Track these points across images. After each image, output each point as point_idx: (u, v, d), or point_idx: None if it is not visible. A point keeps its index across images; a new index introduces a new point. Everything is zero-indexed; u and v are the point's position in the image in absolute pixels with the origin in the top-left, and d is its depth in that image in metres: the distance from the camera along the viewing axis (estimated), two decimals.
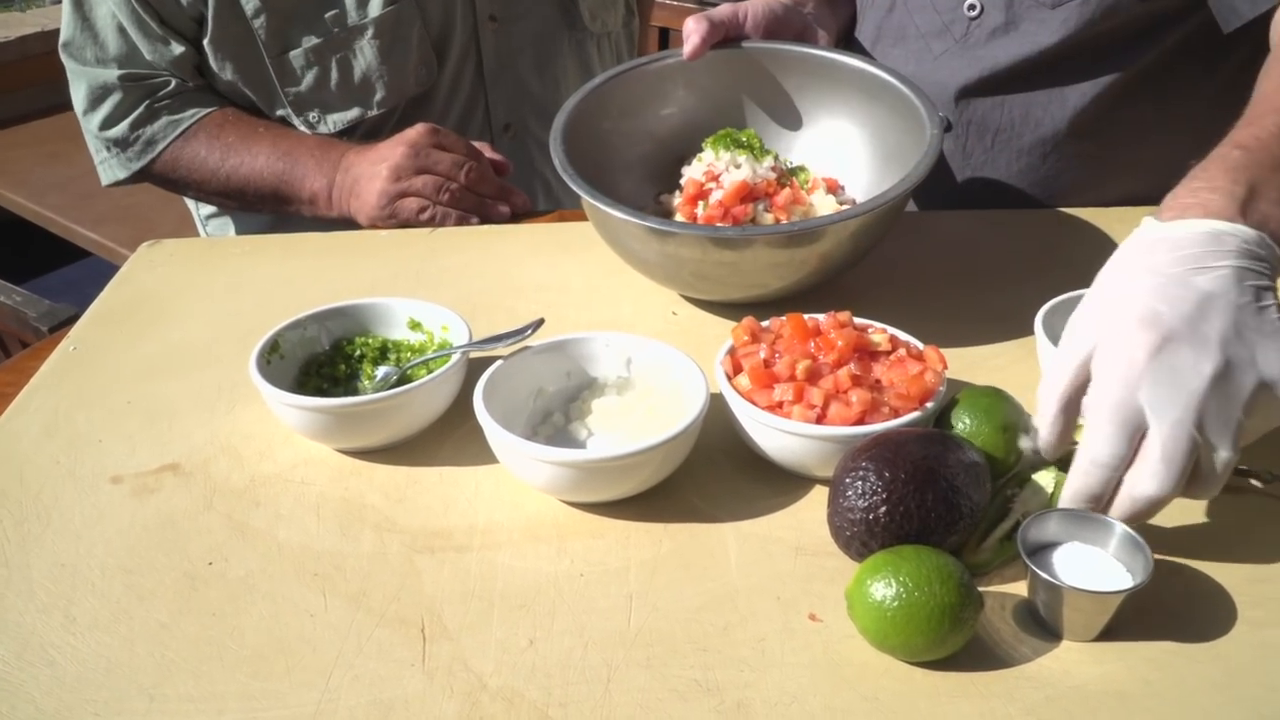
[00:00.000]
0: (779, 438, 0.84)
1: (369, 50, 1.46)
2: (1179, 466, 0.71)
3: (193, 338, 1.10)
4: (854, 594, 0.71)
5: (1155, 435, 0.72)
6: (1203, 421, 0.72)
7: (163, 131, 1.46)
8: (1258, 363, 0.73)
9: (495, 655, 0.72)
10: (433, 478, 0.89)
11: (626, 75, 1.24)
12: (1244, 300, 0.74)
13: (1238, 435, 0.73)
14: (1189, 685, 0.69)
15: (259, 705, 0.69)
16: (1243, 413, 0.72)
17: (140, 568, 0.80)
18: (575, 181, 1.05)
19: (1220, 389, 0.72)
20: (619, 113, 1.23)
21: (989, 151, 1.31)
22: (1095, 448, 0.74)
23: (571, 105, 1.18)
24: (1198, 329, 0.73)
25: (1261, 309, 0.75)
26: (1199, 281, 0.75)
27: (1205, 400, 0.72)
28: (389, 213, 1.34)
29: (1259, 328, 0.74)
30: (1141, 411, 0.72)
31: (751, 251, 1.00)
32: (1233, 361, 0.72)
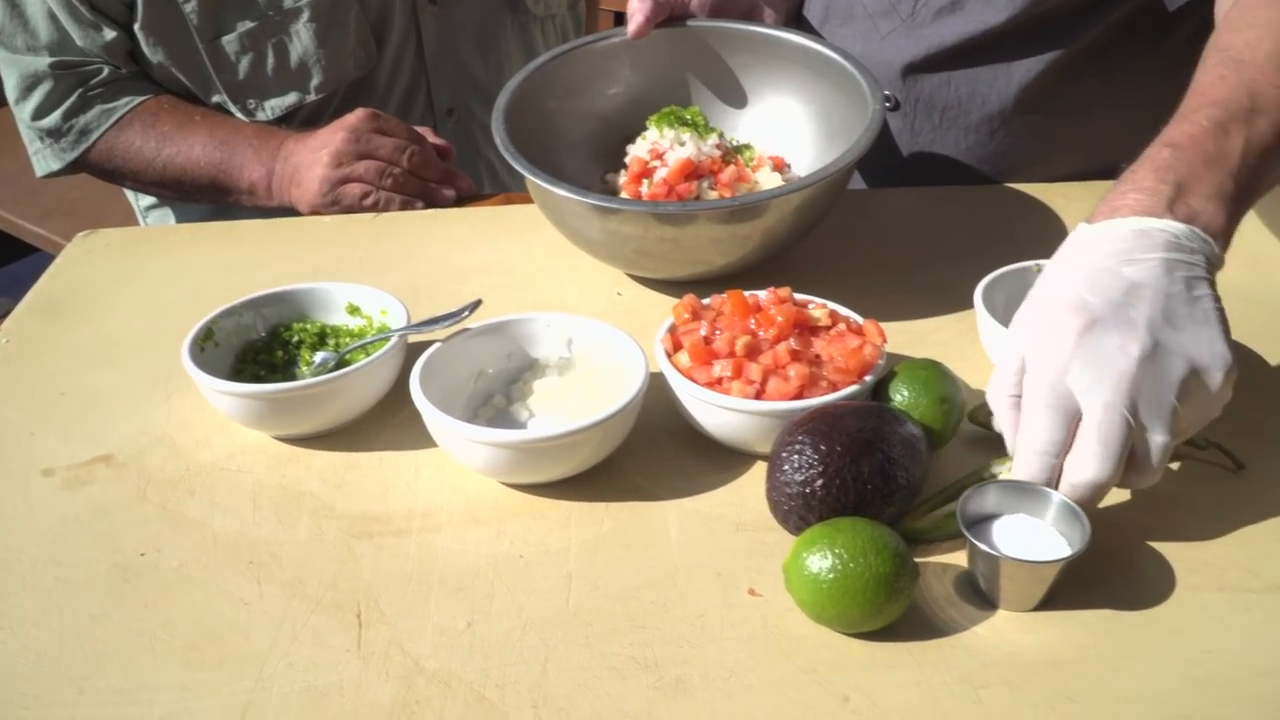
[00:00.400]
0: (718, 414, 0.84)
1: (305, 34, 1.44)
2: (1115, 449, 0.72)
3: (128, 328, 1.08)
4: (791, 567, 0.71)
5: (1089, 418, 0.72)
6: (1135, 404, 0.72)
7: (96, 121, 1.43)
8: (1187, 347, 0.74)
9: (432, 638, 0.72)
10: (372, 463, 0.88)
11: (571, 54, 1.23)
12: (1174, 289, 0.75)
13: (1172, 420, 0.73)
14: (1124, 650, 0.70)
15: (191, 695, 0.68)
16: (1175, 396, 0.73)
17: (71, 560, 0.79)
18: (517, 160, 1.04)
19: (1150, 371, 0.72)
20: (564, 91, 1.22)
21: (937, 129, 1.31)
22: (1032, 435, 0.74)
23: (515, 84, 1.17)
24: (1124, 314, 0.74)
25: (1194, 298, 0.75)
26: (1127, 271, 0.76)
27: (1135, 382, 0.72)
28: (331, 199, 1.33)
29: (1189, 315, 0.75)
30: (1073, 395, 0.73)
31: (694, 227, 0.99)
32: (1161, 344, 0.73)
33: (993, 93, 1.26)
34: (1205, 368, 0.74)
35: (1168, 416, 0.73)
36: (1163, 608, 0.73)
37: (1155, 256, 0.76)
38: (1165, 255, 0.76)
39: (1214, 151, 0.83)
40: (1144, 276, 0.75)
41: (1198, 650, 0.70)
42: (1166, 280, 0.75)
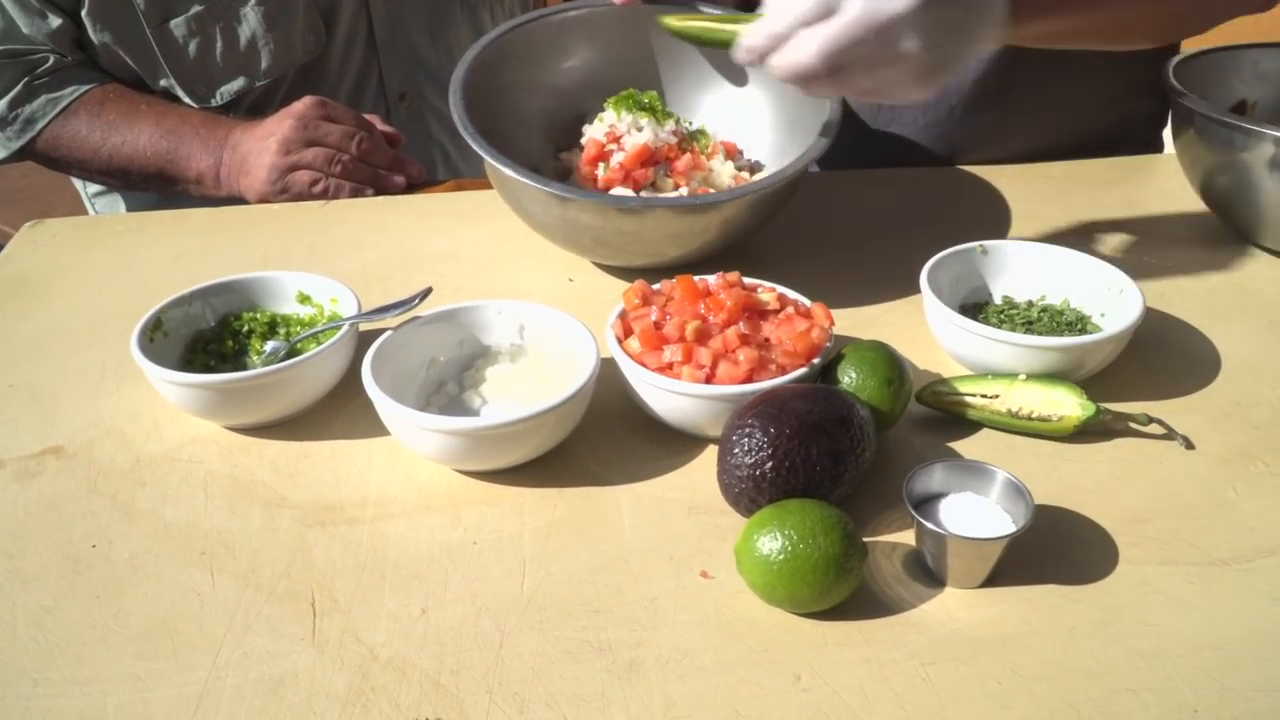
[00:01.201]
0: (669, 399, 0.85)
1: (253, 17, 1.43)
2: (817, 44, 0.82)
3: (76, 318, 1.07)
4: (742, 549, 0.72)
5: None
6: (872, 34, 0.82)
7: (42, 110, 1.42)
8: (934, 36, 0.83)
9: (387, 626, 0.72)
10: (324, 452, 0.88)
11: (528, 26, 1.21)
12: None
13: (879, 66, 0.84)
14: (1070, 624, 0.71)
15: (145, 685, 0.68)
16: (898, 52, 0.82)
17: (22, 552, 0.79)
18: (477, 141, 1.03)
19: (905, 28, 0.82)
20: (519, 64, 1.20)
21: (894, 108, 1.33)
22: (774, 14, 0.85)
23: (471, 57, 1.15)
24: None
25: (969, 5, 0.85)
26: None
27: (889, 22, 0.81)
28: (280, 187, 1.32)
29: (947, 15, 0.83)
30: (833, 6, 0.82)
31: (653, 219, 1.00)
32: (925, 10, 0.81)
33: None
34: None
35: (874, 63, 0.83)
36: (1106, 582, 0.74)
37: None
38: None
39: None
40: None
41: (1141, 624, 0.71)
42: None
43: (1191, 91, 1.08)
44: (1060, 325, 0.94)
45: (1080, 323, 0.94)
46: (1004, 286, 0.99)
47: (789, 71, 0.86)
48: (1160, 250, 1.12)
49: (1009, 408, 0.86)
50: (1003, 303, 0.99)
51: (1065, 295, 0.97)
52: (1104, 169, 1.29)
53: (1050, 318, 0.95)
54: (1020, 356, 0.88)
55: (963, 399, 0.87)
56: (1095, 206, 1.21)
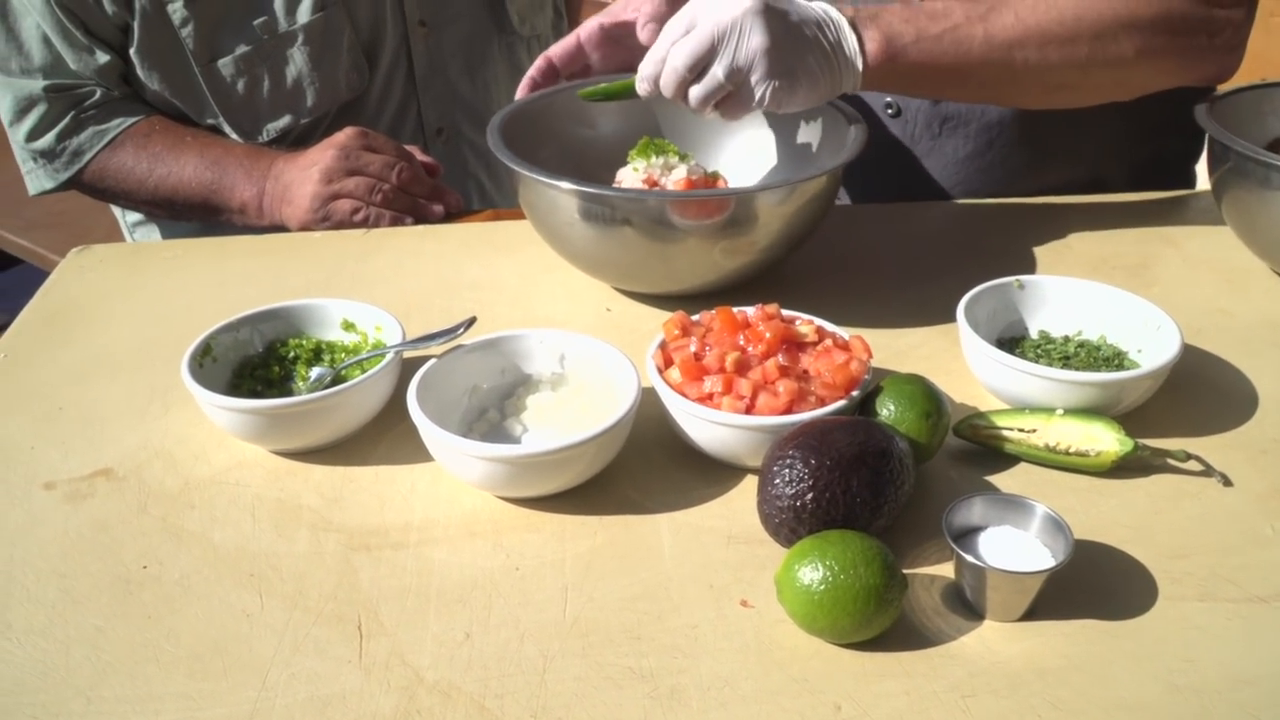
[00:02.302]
0: (709, 429, 0.86)
1: (299, 57, 1.46)
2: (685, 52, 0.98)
3: (124, 343, 1.09)
4: (782, 579, 0.73)
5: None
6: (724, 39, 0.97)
7: (89, 142, 1.45)
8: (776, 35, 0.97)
9: (432, 649, 0.73)
10: (368, 477, 0.90)
11: (550, 98, 1.23)
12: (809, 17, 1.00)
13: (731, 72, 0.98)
14: (1108, 659, 0.72)
15: (196, 705, 0.69)
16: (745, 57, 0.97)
17: (74, 572, 0.80)
18: (517, 163, 1.05)
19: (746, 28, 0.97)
20: (542, 136, 1.21)
21: (936, 138, 1.34)
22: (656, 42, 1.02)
23: (498, 122, 1.15)
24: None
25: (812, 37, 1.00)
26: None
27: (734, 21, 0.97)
28: (322, 215, 1.34)
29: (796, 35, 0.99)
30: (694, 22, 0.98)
31: (690, 240, 1.02)
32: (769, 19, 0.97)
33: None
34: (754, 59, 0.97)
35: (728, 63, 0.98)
36: (1145, 618, 0.75)
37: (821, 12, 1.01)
38: (825, 18, 1.01)
39: (924, 21, 1.03)
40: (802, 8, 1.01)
41: (1179, 659, 0.71)
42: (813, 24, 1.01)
43: (1226, 129, 1.09)
44: (1097, 361, 0.94)
45: (1117, 358, 0.95)
46: (1041, 321, 1.00)
47: (672, 86, 1.01)
48: (1197, 286, 1.13)
49: (1046, 442, 0.87)
50: (1039, 337, 0.99)
51: (1102, 331, 0.98)
52: (1140, 204, 1.30)
53: (1087, 353, 0.95)
54: (1058, 391, 0.88)
55: (1000, 433, 0.88)
56: (1131, 242, 1.22)
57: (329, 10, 1.46)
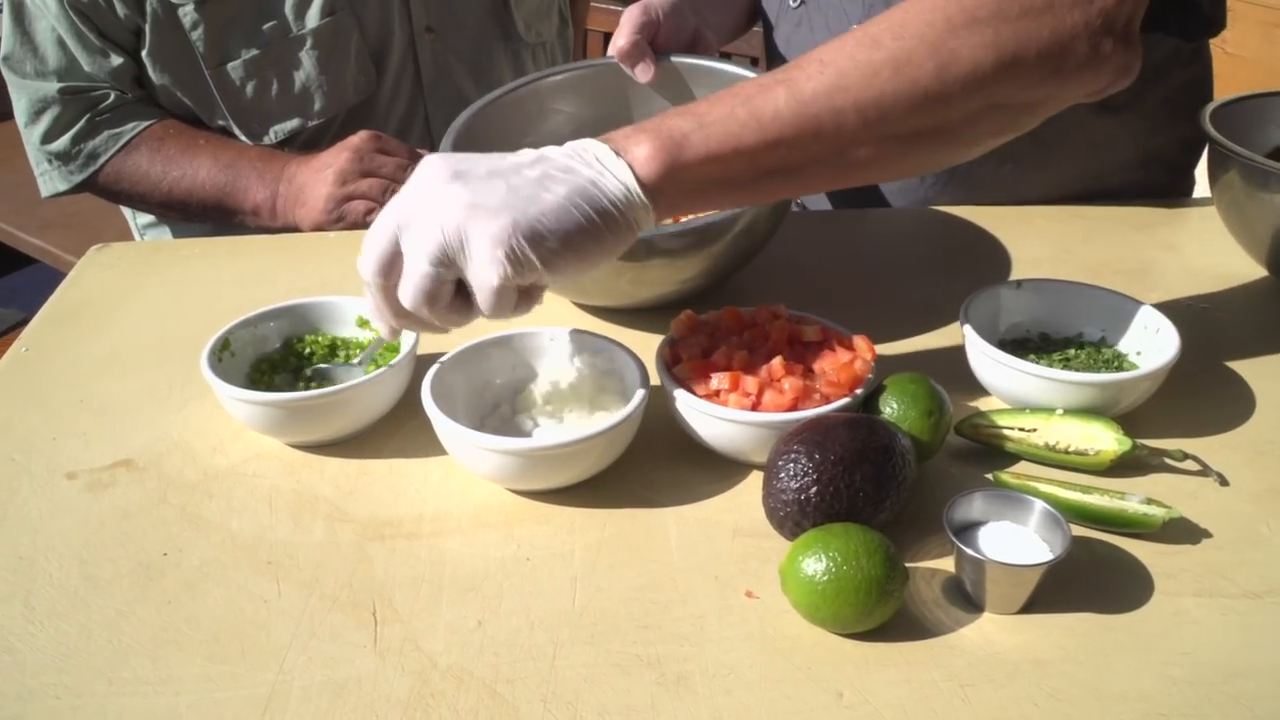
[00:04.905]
0: (716, 425, 0.87)
1: (308, 61, 1.48)
2: (368, 247, 0.80)
3: (143, 338, 1.11)
4: (787, 570, 0.75)
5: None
6: (409, 217, 0.78)
7: (104, 145, 1.47)
8: (482, 193, 0.76)
9: (445, 636, 0.75)
10: (382, 469, 0.92)
11: (507, 97, 1.23)
12: (523, 166, 0.78)
13: (434, 245, 0.76)
14: (1105, 651, 0.73)
15: (215, 686, 0.72)
16: (442, 226, 0.76)
17: (96, 559, 0.82)
18: None
19: (437, 196, 0.77)
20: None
21: None
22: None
23: (454, 131, 1.16)
24: (459, 160, 0.79)
25: (538, 179, 0.77)
26: (521, 154, 0.81)
27: (417, 199, 0.77)
28: (336, 216, 1.36)
29: (516, 183, 0.77)
30: (398, 239, 0.79)
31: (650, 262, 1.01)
32: (460, 179, 0.77)
33: None
34: (483, 214, 0.76)
35: (427, 242, 0.76)
36: (1141, 612, 0.77)
37: (540, 153, 0.80)
38: (551, 154, 0.80)
39: (703, 106, 0.80)
40: (514, 156, 0.80)
41: (1175, 652, 0.73)
42: (528, 162, 0.79)
43: (1228, 136, 1.11)
44: (1097, 362, 0.96)
45: (1116, 360, 0.97)
46: (1041, 323, 1.02)
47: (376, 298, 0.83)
48: (1196, 290, 1.15)
49: (1046, 441, 0.88)
50: (1040, 339, 1.01)
51: (1102, 333, 1.00)
52: (1140, 211, 1.31)
53: (1087, 355, 0.97)
54: (1058, 392, 0.90)
55: (1001, 432, 0.90)
56: (1131, 247, 1.24)
57: (337, 15, 1.48)
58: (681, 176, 0.79)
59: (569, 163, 0.79)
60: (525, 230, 0.75)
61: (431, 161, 0.79)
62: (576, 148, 0.80)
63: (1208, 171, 1.17)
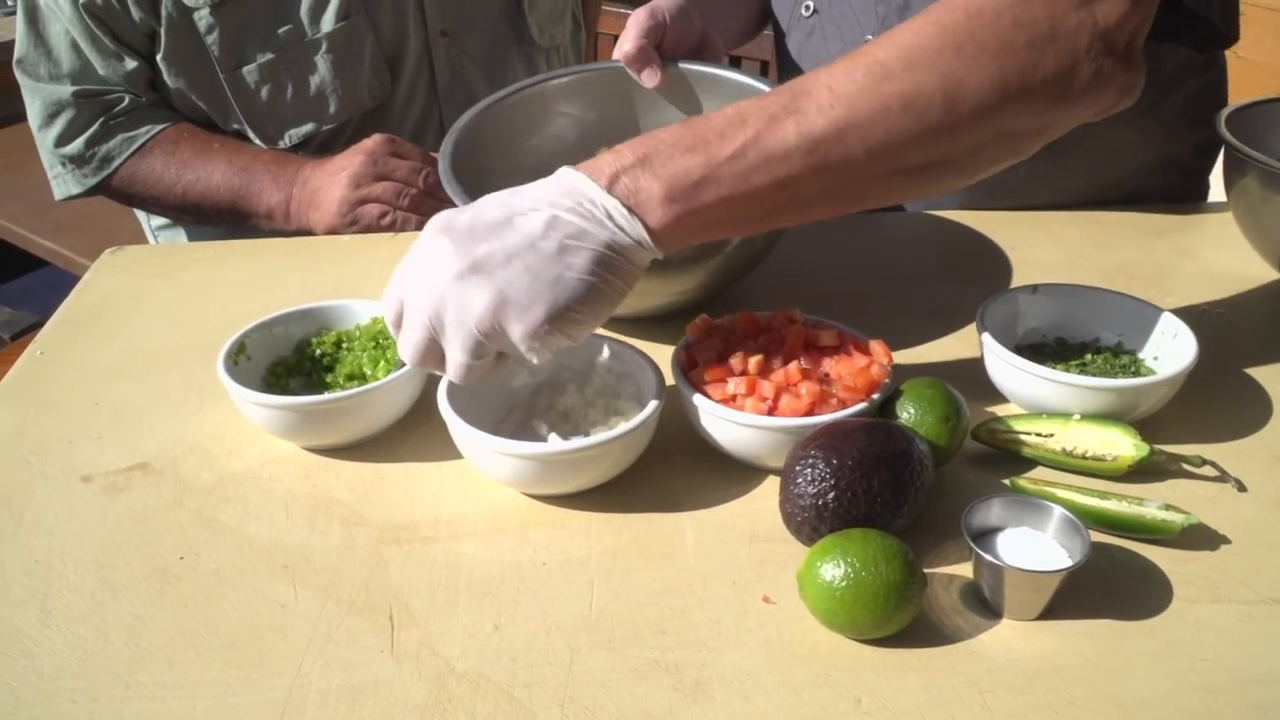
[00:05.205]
0: (732, 429, 0.87)
1: (322, 65, 1.48)
2: (411, 345, 0.81)
3: (158, 341, 1.12)
4: (804, 575, 0.75)
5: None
6: (440, 317, 0.79)
7: (118, 149, 1.47)
8: (499, 284, 0.77)
9: (462, 640, 0.75)
10: (398, 473, 0.92)
11: (492, 110, 1.21)
12: (544, 245, 0.78)
13: (468, 342, 0.79)
14: (1123, 658, 0.73)
15: (233, 691, 0.71)
16: (475, 325, 0.78)
17: (113, 563, 0.82)
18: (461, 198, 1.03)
19: (459, 295, 0.78)
20: (493, 149, 1.20)
21: None
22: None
23: (450, 142, 1.15)
24: (473, 239, 0.78)
25: (561, 259, 0.78)
26: (518, 207, 0.80)
27: (440, 297, 0.78)
28: (350, 220, 1.36)
29: (541, 267, 0.77)
30: (402, 306, 0.81)
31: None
32: (483, 271, 0.77)
33: None
34: (514, 303, 0.77)
35: (463, 339, 0.79)
36: (1160, 618, 0.76)
37: (548, 212, 0.78)
38: (561, 214, 0.78)
39: (711, 137, 0.79)
40: (524, 222, 0.78)
41: (1193, 658, 0.73)
42: (540, 230, 0.78)
43: (1244, 141, 1.11)
44: (1114, 367, 0.96)
45: (1133, 365, 0.96)
46: (1058, 328, 1.02)
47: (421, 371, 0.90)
48: (1211, 295, 1.14)
49: (1063, 447, 0.88)
50: (1057, 344, 1.01)
51: (1118, 338, 0.99)
52: (1154, 215, 1.31)
53: (1104, 360, 0.97)
54: (1075, 397, 0.90)
55: (1018, 437, 0.90)
56: (1147, 252, 1.23)
57: (352, 19, 1.48)
58: (690, 221, 0.80)
59: (582, 225, 0.78)
60: (556, 318, 0.78)
61: (442, 248, 0.79)
62: (584, 200, 0.79)
63: (1223, 176, 1.17)
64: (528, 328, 0.78)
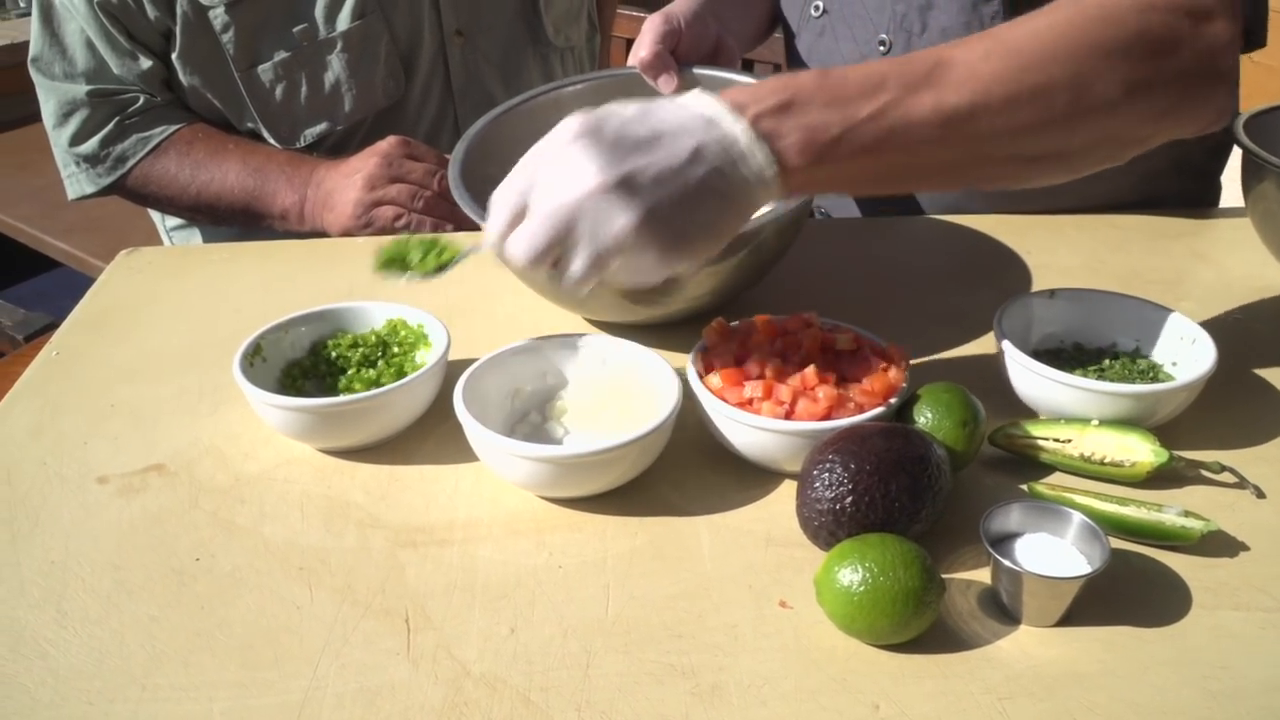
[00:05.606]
0: (749, 433, 0.87)
1: (337, 64, 1.48)
2: (527, 242, 0.78)
3: (173, 342, 1.12)
4: (822, 580, 0.74)
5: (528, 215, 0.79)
6: (574, 226, 0.77)
7: (132, 148, 1.47)
8: (646, 205, 0.76)
9: (478, 644, 0.75)
10: (414, 475, 0.91)
11: (530, 103, 1.22)
12: (683, 165, 0.77)
13: (598, 257, 0.77)
14: (1143, 665, 0.73)
15: (249, 693, 0.71)
16: (612, 241, 0.76)
17: (129, 564, 0.82)
18: (473, 209, 1.03)
19: (599, 208, 0.76)
20: (504, 156, 1.18)
21: None
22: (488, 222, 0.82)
23: (461, 153, 1.15)
24: (616, 149, 0.76)
25: (694, 183, 0.77)
26: (657, 125, 0.78)
27: (579, 205, 0.76)
28: (364, 221, 1.36)
29: (672, 192, 0.76)
30: (527, 195, 0.79)
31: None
32: (627, 188, 0.76)
33: None
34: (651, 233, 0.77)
35: (592, 252, 0.77)
36: (1179, 625, 0.76)
37: (694, 140, 0.77)
38: (706, 144, 0.77)
39: (851, 95, 0.79)
40: (672, 145, 0.77)
41: (1214, 666, 0.72)
42: (686, 159, 0.77)
43: (1262, 147, 1.10)
44: (1132, 373, 0.95)
45: (1151, 371, 0.96)
46: (1075, 333, 1.01)
47: (523, 272, 0.86)
48: (1229, 300, 1.14)
49: (1081, 452, 0.88)
50: (1074, 349, 1.00)
51: (1136, 343, 0.99)
52: (1170, 220, 1.31)
53: (1122, 365, 0.96)
54: (1093, 402, 0.89)
55: (1035, 442, 0.89)
56: (1163, 256, 1.23)
57: (367, 18, 1.48)
58: (817, 174, 0.80)
59: (723, 160, 0.78)
60: (686, 248, 0.79)
61: (586, 155, 0.77)
62: (726, 135, 0.78)
63: (1241, 182, 1.17)
64: (659, 253, 0.78)
